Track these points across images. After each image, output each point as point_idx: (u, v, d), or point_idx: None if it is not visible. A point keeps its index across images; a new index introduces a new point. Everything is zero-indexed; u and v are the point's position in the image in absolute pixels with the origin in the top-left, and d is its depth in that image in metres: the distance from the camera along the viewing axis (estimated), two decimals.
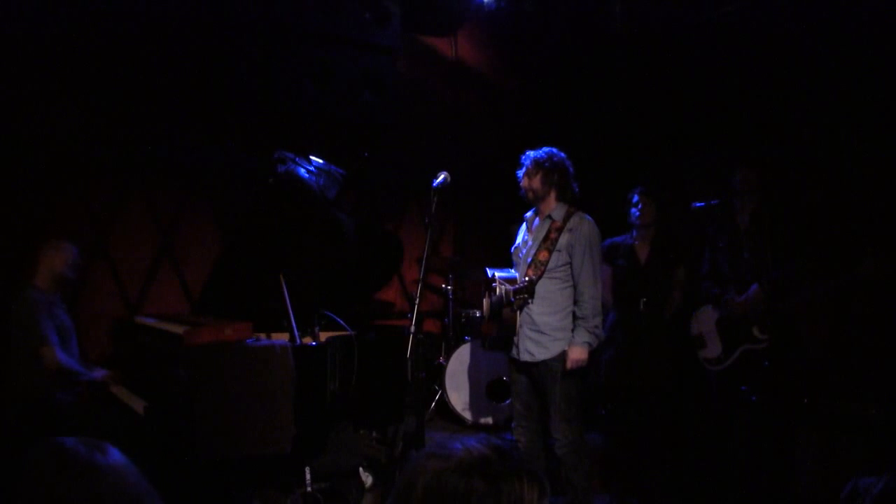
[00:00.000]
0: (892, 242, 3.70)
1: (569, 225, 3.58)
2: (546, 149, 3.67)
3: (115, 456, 1.26)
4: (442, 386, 5.22)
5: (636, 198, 4.43)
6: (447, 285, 5.47)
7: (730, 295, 3.98)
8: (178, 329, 3.45)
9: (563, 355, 3.52)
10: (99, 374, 3.99)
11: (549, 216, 3.65)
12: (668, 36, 5.05)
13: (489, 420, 5.19)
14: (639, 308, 4.44)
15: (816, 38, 4.28)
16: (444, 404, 5.23)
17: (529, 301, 3.50)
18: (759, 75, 4.61)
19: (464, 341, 5.33)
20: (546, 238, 3.60)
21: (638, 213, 4.44)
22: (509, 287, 3.53)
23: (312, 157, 3.98)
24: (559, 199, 3.66)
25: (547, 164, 3.61)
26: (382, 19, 5.15)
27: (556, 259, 3.55)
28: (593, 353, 3.60)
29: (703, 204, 4.25)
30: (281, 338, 3.49)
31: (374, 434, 4.62)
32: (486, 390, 5.23)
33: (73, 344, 4.02)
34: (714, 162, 4.81)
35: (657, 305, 4.47)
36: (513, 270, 3.80)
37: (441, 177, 3.32)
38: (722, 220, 4.18)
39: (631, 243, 4.53)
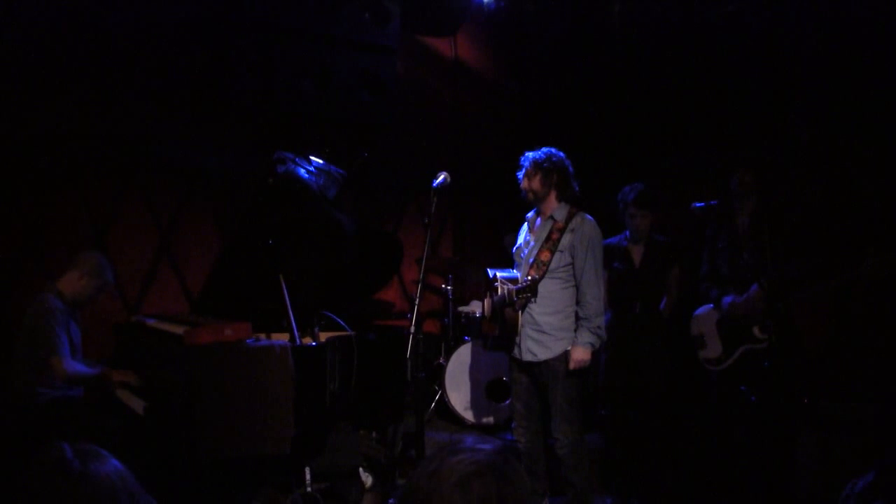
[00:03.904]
0: (892, 242, 3.70)
1: (571, 225, 3.58)
2: (545, 149, 3.67)
3: (113, 464, 1.29)
4: (442, 386, 5.22)
5: (631, 209, 4.36)
6: (447, 285, 5.47)
7: (730, 297, 3.98)
8: (177, 329, 3.44)
9: (565, 355, 3.53)
10: (99, 370, 3.90)
11: (552, 217, 3.64)
12: (668, 36, 5.04)
13: (489, 420, 5.19)
14: (635, 310, 4.42)
15: (816, 37, 4.28)
16: (444, 404, 5.23)
17: (532, 301, 3.49)
18: (759, 75, 4.60)
19: (464, 341, 5.32)
20: (548, 238, 3.60)
21: (634, 227, 4.39)
22: (511, 287, 3.53)
23: (312, 157, 3.98)
24: (559, 199, 3.66)
25: (546, 165, 3.61)
26: (382, 19, 5.15)
27: (559, 259, 3.55)
28: (594, 354, 3.60)
29: (702, 204, 4.23)
30: (281, 338, 3.49)
31: (374, 434, 4.62)
32: (486, 390, 5.23)
33: (79, 357, 3.97)
34: (713, 162, 4.79)
35: (653, 307, 4.45)
36: (514, 271, 3.80)
37: (441, 177, 3.33)
38: (721, 220, 4.17)
39: (625, 245, 4.49)
